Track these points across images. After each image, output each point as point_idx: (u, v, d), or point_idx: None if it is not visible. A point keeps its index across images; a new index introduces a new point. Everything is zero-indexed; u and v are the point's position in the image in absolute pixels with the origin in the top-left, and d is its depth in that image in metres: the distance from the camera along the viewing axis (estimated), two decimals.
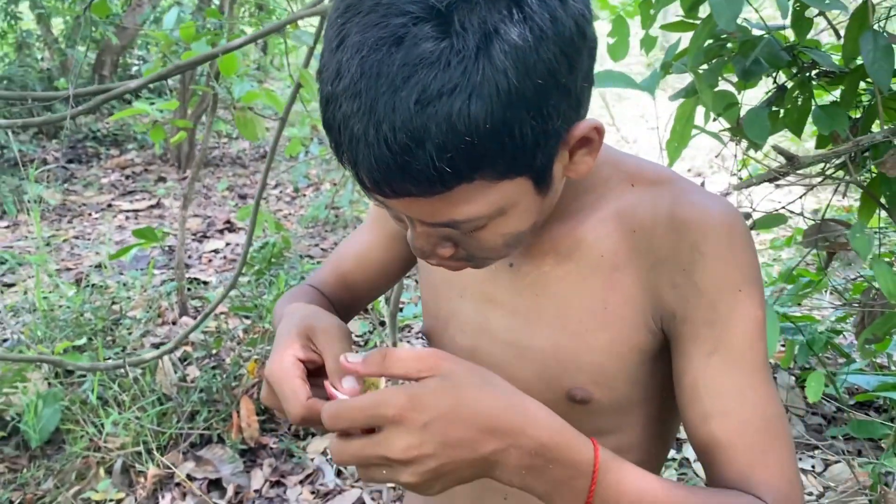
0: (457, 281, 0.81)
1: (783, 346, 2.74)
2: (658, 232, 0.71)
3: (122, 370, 2.59)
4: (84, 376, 2.68)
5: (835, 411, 2.74)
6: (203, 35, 2.70)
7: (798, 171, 1.41)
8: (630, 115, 7.41)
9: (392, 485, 0.94)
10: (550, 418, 0.59)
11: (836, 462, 2.46)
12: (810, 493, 2.29)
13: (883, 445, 2.37)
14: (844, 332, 2.97)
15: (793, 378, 2.87)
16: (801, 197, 2.09)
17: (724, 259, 0.69)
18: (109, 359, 2.83)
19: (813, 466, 2.46)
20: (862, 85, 1.67)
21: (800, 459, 2.50)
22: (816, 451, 2.53)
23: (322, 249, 4.51)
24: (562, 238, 0.75)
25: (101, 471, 2.42)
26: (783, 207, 2.11)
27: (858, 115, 1.73)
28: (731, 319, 0.68)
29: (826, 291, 3.11)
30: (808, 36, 1.66)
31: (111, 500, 2.33)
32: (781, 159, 1.66)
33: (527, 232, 0.66)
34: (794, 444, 0.70)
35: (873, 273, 1.48)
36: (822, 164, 1.55)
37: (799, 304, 2.99)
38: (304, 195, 5.66)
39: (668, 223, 0.71)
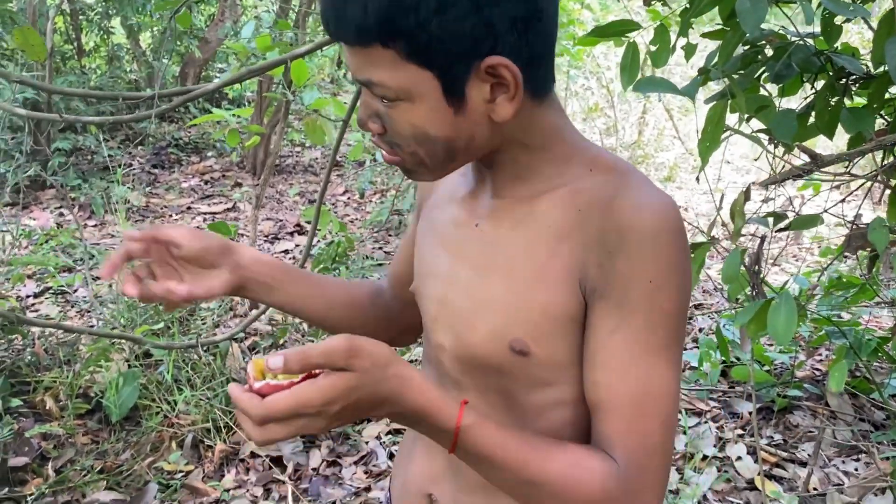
0: (438, 242, 0.94)
1: (829, 349, 2.76)
2: (595, 214, 0.80)
3: (195, 353, 2.80)
4: (161, 359, 2.90)
5: (885, 418, 2.74)
6: (277, 45, 2.91)
7: (823, 170, 1.48)
8: (696, 126, 7.38)
9: None
10: (427, 392, 0.73)
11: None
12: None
13: None
14: None
15: None
16: (841, 201, 2.14)
17: (644, 251, 0.76)
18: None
19: (856, 469, 2.48)
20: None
21: (843, 462, 2.52)
22: (861, 455, 2.54)
23: (385, 252, 4.69)
24: (520, 205, 0.85)
25: (173, 444, 2.62)
26: (825, 211, 2.17)
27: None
28: (637, 305, 0.76)
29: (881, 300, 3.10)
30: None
31: (181, 471, 2.53)
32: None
33: (439, 140, 0.77)
34: (672, 424, 0.78)
35: None
36: (846, 163, 1.61)
37: (847, 310, 2.99)
38: (370, 201, 5.86)
39: (606, 208, 0.79)
